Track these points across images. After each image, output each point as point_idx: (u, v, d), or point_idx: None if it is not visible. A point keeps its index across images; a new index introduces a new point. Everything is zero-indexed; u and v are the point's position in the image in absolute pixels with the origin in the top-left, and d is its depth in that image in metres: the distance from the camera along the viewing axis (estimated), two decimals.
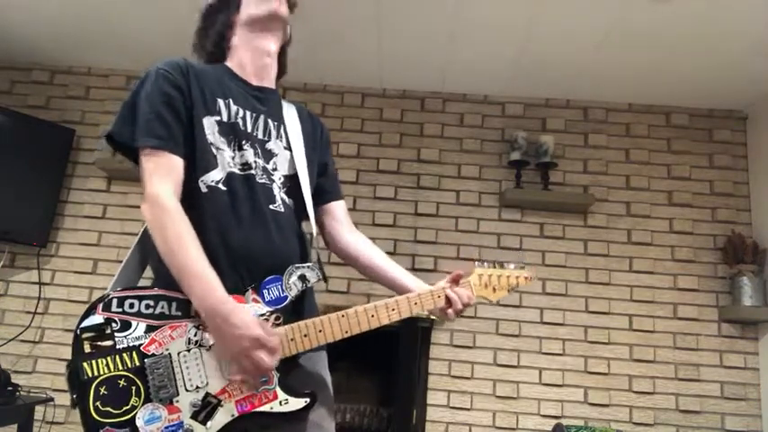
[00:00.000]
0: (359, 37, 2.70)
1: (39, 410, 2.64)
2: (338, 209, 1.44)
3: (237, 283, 1.13)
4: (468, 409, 2.74)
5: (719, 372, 2.75)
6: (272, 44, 1.32)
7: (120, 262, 1.22)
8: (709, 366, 2.76)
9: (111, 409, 1.05)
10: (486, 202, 3.00)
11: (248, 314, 1.09)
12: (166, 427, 1.05)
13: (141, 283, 1.23)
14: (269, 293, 1.15)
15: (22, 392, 2.52)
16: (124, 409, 1.05)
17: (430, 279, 1.33)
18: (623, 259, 2.90)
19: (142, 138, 1.14)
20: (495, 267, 1.36)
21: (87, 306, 1.09)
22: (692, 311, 2.82)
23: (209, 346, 1.10)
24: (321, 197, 1.40)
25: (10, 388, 2.44)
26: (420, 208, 2.99)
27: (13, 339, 2.83)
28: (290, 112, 1.37)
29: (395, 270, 1.37)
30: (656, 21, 2.39)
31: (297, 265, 1.18)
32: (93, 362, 1.06)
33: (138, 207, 3.45)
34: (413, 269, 2.67)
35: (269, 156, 1.27)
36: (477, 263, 1.36)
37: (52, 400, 2.67)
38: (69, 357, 1.07)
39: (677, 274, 2.87)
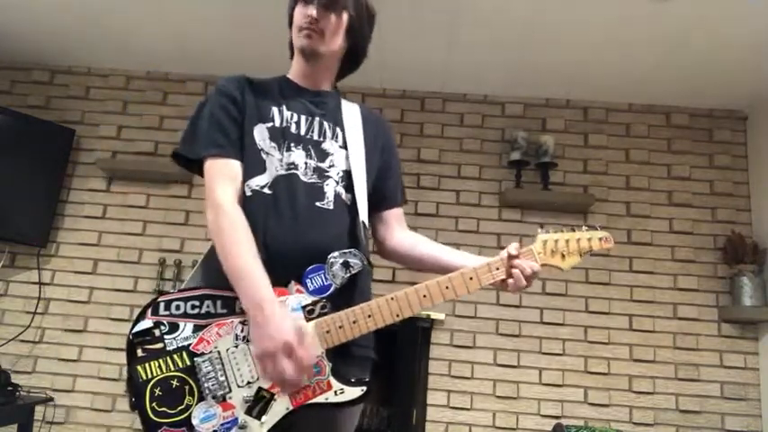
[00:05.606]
0: None
1: (39, 410, 2.64)
2: (392, 216, 1.42)
3: (280, 276, 1.13)
4: (468, 409, 2.74)
5: (719, 372, 2.75)
6: (311, 67, 1.35)
7: (120, 262, 1.24)
8: (709, 366, 2.76)
9: (167, 410, 1.09)
10: (486, 202, 3.00)
11: (289, 320, 1.08)
12: (221, 425, 1.07)
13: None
14: (312, 283, 1.15)
15: (22, 392, 2.53)
16: (179, 408, 1.08)
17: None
18: (623, 259, 2.90)
19: (203, 149, 1.23)
20: (562, 232, 1.24)
21: (139, 311, 1.15)
22: (691, 311, 2.82)
23: None
24: (379, 203, 1.39)
25: (10, 388, 2.45)
26: (420, 208, 2.99)
27: (13, 339, 2.82)
28: (351, 113, 1.38)
29: (450, 254, 1.33)
30: (656, 21, 2.39)
31: (339, 252, 1.17)
32: (147, 365, 1.11)
33: (138, 207, 3.43)
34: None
35: (323, 155, 1.29)
36: (540, 230, 1.25)
37: (52, 399, 2.68)
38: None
39: (677, 274, 2.87)
